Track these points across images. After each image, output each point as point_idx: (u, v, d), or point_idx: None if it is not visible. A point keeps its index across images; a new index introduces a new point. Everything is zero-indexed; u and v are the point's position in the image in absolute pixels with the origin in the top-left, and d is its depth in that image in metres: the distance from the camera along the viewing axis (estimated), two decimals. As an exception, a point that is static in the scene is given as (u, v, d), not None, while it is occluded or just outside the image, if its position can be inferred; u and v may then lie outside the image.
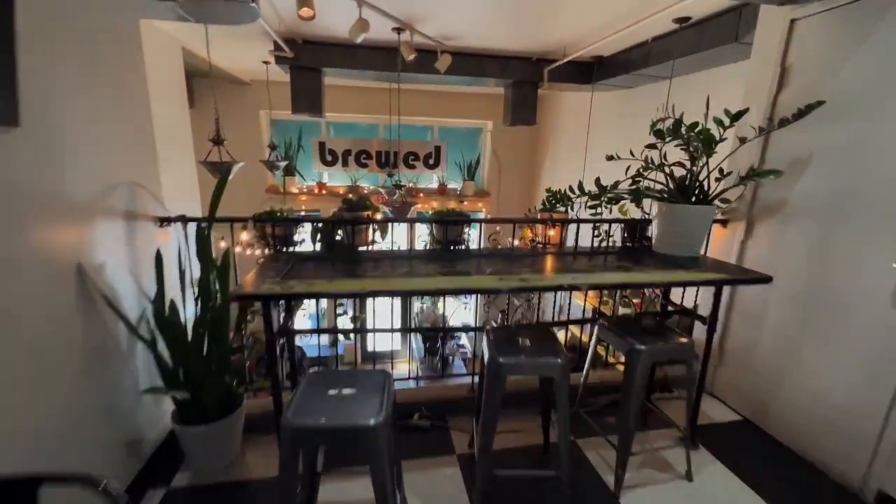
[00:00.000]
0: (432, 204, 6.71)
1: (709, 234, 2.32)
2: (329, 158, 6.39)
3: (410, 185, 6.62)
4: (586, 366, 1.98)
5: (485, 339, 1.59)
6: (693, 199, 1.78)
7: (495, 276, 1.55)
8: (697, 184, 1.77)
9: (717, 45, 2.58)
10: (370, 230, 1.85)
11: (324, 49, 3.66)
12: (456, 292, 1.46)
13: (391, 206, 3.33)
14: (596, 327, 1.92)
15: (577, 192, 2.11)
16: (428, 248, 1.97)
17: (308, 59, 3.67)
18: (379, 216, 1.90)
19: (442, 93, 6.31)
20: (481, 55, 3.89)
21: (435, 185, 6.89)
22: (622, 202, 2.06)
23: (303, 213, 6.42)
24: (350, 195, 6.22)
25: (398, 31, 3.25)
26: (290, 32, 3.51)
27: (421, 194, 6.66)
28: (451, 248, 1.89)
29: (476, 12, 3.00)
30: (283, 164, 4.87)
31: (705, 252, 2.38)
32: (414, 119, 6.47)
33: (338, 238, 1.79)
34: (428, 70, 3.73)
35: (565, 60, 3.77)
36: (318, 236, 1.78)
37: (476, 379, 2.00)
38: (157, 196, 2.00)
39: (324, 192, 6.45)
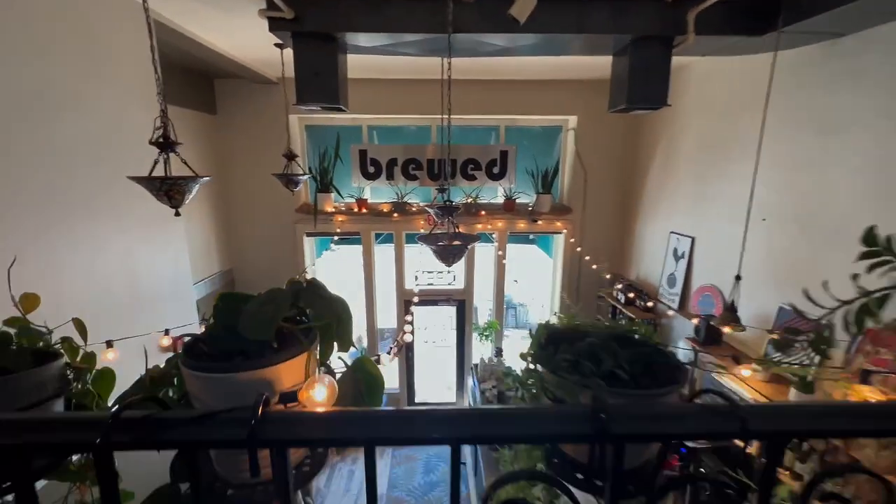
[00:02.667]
0: (496, 224, 5.29)
1: None
2: (371, 170, 5.24)
3: (469, 199, 5.26)
4: None
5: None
6: None
7: None
8: None
9: None
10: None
11: (338, 4, 2.44)
12: None
13: (436, 246, 1.97)
14: None
15: None
16: None
17: (316, 21, 2.46)
18: (316, 391, 0.55)
19: (509, 82, 4.91)
20: (582, -3, 2.43)
21: (500, 200, 5.47)
22: None
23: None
24: (395, 213, 4.96)
25: (447, -52, 1.93)
26: (289, -19, 2.32)
27: (482, 212, 5.27)
28: None
29: None
30: (303, 177, 3.74)
31: None
32: (474, 119, 5.12)
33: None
34: (495, 25, 2.37)
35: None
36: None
37: None
38: None
39: (364, 210, 5.29)
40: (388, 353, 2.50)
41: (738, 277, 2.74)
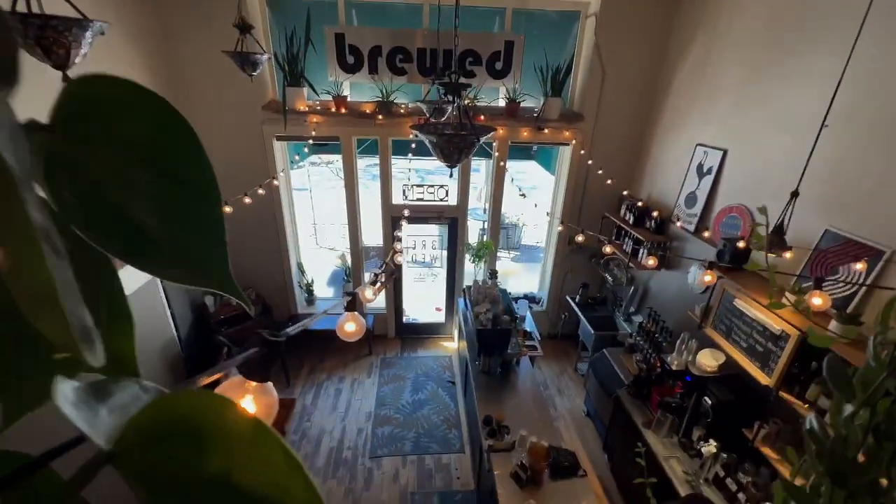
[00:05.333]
0: (498, 132, 4.63)
1: None
2: (350, 60, 4.36)
3: (467, 102, 4.51)
4: None
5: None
6: None
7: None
8: None
9: None
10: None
11: None
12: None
13: (436, 137, 1.41)
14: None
15: None
16: None
17: None
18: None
19: (524, -54, 3.92)
20: None
21: (501, 103, 4.74)
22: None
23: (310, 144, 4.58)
24: (379, 114, 4.23)
25: None
26: None
27: (481, 116, 4.56)
28: None
29: None
30: (263, 57, 2.96)
31: None
32: (475, -4, 4.18)
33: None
34: None
35: None
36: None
37: None
38: None
39: (343, 110, 4.52)
40: (374, 283, 2.05)
41: (794, 194, 2.29)
